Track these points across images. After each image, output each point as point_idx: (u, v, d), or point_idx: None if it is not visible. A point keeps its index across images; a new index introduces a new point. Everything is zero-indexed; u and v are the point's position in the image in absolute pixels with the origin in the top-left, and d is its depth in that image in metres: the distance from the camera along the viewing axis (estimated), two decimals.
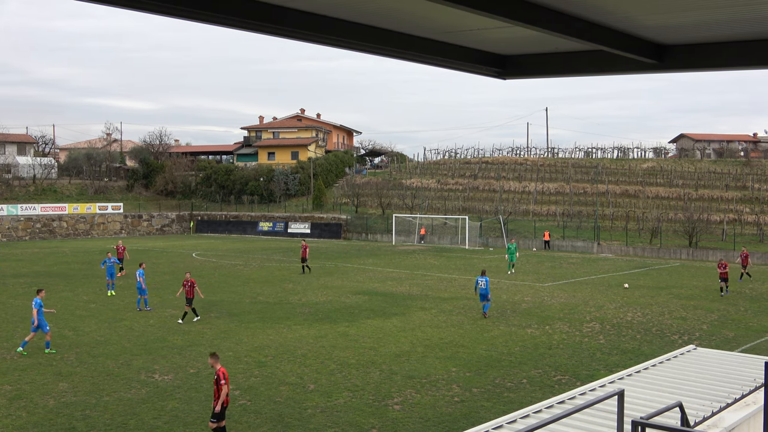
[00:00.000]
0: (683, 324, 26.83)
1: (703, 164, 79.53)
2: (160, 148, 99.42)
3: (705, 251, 55.40)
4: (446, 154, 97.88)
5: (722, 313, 29.37)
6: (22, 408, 16.24)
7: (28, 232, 73.10)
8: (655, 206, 68.97)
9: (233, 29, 6.27)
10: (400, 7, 6.08)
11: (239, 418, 15.49)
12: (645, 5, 6.02)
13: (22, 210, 73.97)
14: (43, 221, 74.59)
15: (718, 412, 8.46)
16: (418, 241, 68.26)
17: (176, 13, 5.68)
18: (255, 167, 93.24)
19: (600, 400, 6.69)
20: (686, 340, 23.50)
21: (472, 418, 15.27)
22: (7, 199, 77.68)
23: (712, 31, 6.76)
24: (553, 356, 21.50)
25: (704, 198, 69.30)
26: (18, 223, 72.73)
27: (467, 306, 30.40)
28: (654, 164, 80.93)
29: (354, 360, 20.77)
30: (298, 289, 35.15)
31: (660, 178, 76.07)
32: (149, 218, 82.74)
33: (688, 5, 5.90)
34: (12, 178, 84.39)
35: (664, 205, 69.19)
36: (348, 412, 16.02)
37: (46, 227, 74.64)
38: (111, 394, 17.31)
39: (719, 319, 28.04)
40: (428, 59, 7.69)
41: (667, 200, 70.65)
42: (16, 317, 27.34)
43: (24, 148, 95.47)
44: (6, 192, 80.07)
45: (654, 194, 72.25)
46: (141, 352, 21.68)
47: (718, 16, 6.15)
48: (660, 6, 5.99)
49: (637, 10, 6.16)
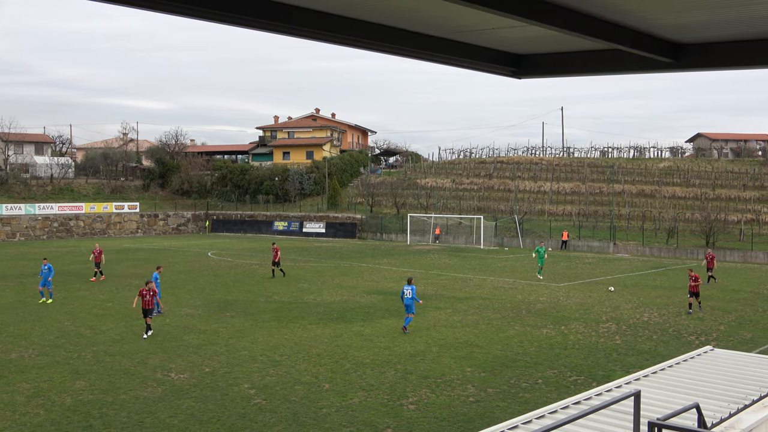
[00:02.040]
0: (700, 324, 26.65)
1: (720, 164, 78.97)
2: (175, 148, 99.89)
3: (722, 251, 54.95)
4: (461, 153, 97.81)
5: (740, 313, 29.15)
6: (40, 406, 16.37)
7: (45, 231, 73.69)
8: (672, 206, 68.54)
9: (248, 29, 6.28)
10: (415, 7, 6.08)
11: (254, 417, 15.54)
12: (662, 4, 5.98)
13: (40, 209, 74.59)
14: (60, 220, 75.18)
15: (735, 414, 8.38)
16: (433, 240, 68.19)
17: (190, 13, 5.69)
18: (270, 167, 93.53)
19: (616, 401, 6.65)
20: (703, 340, 23.33)
21: (487, 418, 15.23)
22: (25, 199, 78.34)
23: (729, 29, 6.71)
24: (568, 356, 21.41)
25: (721, 198, 68.82)
26: (36, 222, 73.34)
27: (482, 306, 30.34)
28: (670, 164, 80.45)
29: (369, 359, 20.78)
30: (313, 289, 35.21)
31: (677, 177, 75.60)
32: (165, 217, 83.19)
33: (705, 3, 5.85)
34: (30, 177, 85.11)
35: (680, 205, 68.74)
36: (363, 411, 16.03)
37: (63, 226, 75.22)
38: (127, 393, 17.40)
39: (736, 319, 27.83)
40: (443, 59, 7.67)
41: (684, 200, 70.19)
42: (34, 316, 27.56)
43: (42, 148, 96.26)
44: (24, 191, 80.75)
45: (670, 194, 71.81)
46: (157, 351, 21.78)
47: (736, 14, 6.10)
48: (677, 4, 5.95)
49: (653, 8, 6.12)
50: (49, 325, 25.72)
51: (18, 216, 72.37)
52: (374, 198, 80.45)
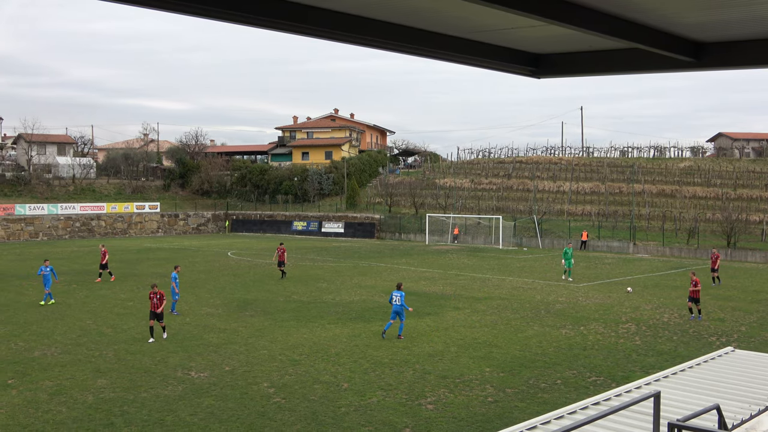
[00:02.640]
0: (721, 325, 26.40)
1: (741, 163, 78.16)
2: (195, 148, 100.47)
3: (744, 252, 54.43)
4: (479, 153, 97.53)
5: (761, 314, 28.83)
6: (62, 403, 16.52)
7: (67, 230, 74.39)
8: (693, 206, 67.91)
9: (267, 30, 6.29)
10: (435, 7, 6.07)
11: (273, 416, 15.59)
12: (683, 2, 5.92)
13: (62, 209, 75.32)
14: (82, 220, 75.86)
15: (756, 415, 8.30)
16: (452, 240, 68.07)
17: (205, 13, 5.70)
18: (289, 167, 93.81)
19: (636, 401, 6.61)
20: (724, 341, 23.11)
21: (505, 418, 15.19)
22: (48, 199, 79.14)
23: (751, 27, 6.64)
24: (587, 357, 21.29)
25: (743, 198, 68.09)
26: (58, 222, 74.06)
27: (501, 306, 30.25)
28: (691, 163, 79.74)
29: (387, 359, 20.78)
30: (331, 288, 35.28)
31: (697, 177, 74.91)
32: (185, 217, 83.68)
33: (728, 1, 5.80)
34: (52, 178, 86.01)
35: (701, 205, 68.10)
36: (381, 411, 16.04)
37: (85, 226, 75.89)
38: (148, 391, 17.53)
39: (758, 320, 27.54)
40: (462, 58, 7.66)
41: (705, 200, 69.54)
42: (56, 315, 27.83)
43: (64, 149, 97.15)
44: (46, 191, 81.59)
45: (691, 194, 71.16)
46: (177, 350, 21.92)
47: (759, 12, 6.04)
48: (698, 2, 5.90)
49: (674, 7, 6.07)
50: (72, 324, 25.97)
51: (41, 216, 73.12)
52: (393, 198, 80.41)
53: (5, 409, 16.02)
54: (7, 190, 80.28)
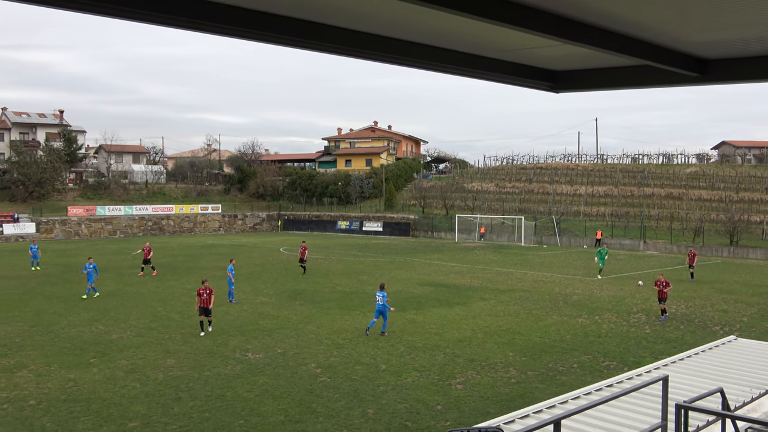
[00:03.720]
0: (724, 316, 25.83)
1: (743, 169, 76.28)
2: (252, 157, 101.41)
3: (745, 249, 53.20)
4: (504, 160, 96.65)
5: (762, 306, 28.15)
6: (137, 380, 16.80)
7: (141, 229, 75.66)
8: (698, 208, 66.52)
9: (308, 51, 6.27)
10: (462, 30, 6.04)
11: (320, 393, 15.67)
12: (686, 24, 5.83)
13: (137, 210, 76.66)
14: (153, 220, 77.10)
15: (757, 398, 8.12)
16: (479, 238, 67.68)
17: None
18: (334, 173, 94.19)
19: (646, 384, 6.51)
20: (727, 331, 22.61)
21: (527, 398, 15.06)
22: (124, 201, 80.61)
23: (752, 46, 6.49)
24: (601, 344, 21.01)
25: (745, 200, 66.50)
26: (133, 221, 75.39)
27: (523, 297, 29.99)
28: (697, 169, 78.07)
29: (421, 344, 20.75)
30: (371, 281, 35.31)
31: (702, 181, 73.34)
32: (243, 217, 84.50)
33: (727, 24, 5.68)
34: (128, 183, 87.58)
35: (706, 207, 66.66)
36: (416, 389, 16.02)
37: (156, 225, 77.12)
38: (211, 370, 17.74)
39: (759, 312, 26.88)
40: (488, 75, 7.61)
41: (710, 202, 68.05)
42: (131, 302, 28.32)
43: (138, 158, 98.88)
44: (123, 195, 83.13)
45: (697, 197, 69.68)
46: (236, 334, 22.14)
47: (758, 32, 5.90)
48: (701, 24, 5.80)
49: (679, 27, 5.98)
50: (144, 311, 26.39)
51: (118, 216, 74.51)
52: (426, 200, 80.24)
53: (88, 385, 16.36)
54: (90, 194, 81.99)
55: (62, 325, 23.54)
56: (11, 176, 76.32)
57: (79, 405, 14.80)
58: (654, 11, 5.44)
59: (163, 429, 13.36)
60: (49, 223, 69.02)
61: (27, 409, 14.58)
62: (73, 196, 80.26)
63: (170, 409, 14.53)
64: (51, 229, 68.78)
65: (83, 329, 22.81)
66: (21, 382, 16.51)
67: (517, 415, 7.39)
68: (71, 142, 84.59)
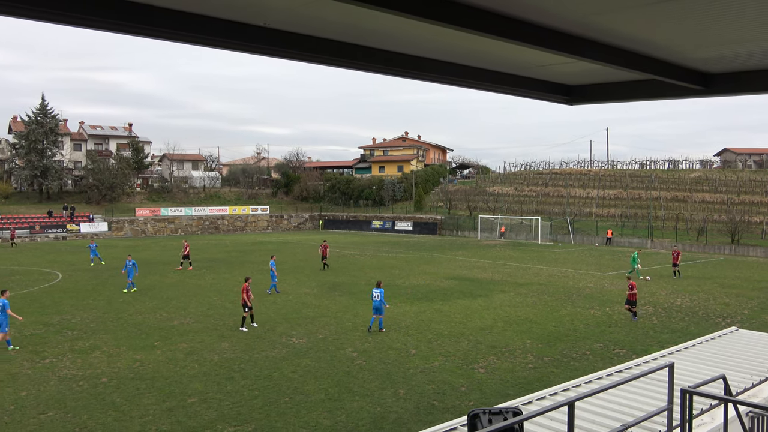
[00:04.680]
0: (726, 309, 25.21)
1: (744, 174, 74.35)
2: (296, 164, 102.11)
3: (746, 247, 51.84)
4: (522, 166, 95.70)
5: (761, 300, 27.40)
6: (195, 361, 17.03)
7: (199, 228, 76.76)
8: (702, 209, 65.03)
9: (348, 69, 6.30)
10: (486, 49, 6.02)
11: (356, 374, 15.69)
12: (690, 42, 5.72)
13: (195, 211, 77.78)
14: (210, 220, 78.13)
15: (758, 384, 7.91)
16: (499, 237, 67.14)
17: (295, 56, 5.66)
18: (369, 178, 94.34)
19: (653, 370, 6.39)
20: (729, 322, 22.06)
21: (543, 381, 14.89)
22: (185, 203, 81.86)
23: (753, 60, 6.34)
24: (612, 333, 20.67)
25: (745, 203, 64.79)
26: (192, 221, 76.52)
27: (539, 290, 29.66)
28: (700, 174, 76.33)
29: (447, 331, 20.66)
30: (402, 274, 35.28)
31: (706, 185, 71.66)
32: (288, 217, 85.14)
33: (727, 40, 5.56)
34: (188, 187, 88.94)
35: (709, 209, 65.13)
36: (442, 372, 15.95)
37: (212, 224, 78.14)
38: (260, 352, 17.89)
39: (759, 305, 26.17)
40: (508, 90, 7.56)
41: (712, 204, 66.46)
42: (190, 293, 28.70)
43: (197, 165, 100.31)
44: (183, 198, 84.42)
45: (700, 199, 68.13)
46: (282, 321, 22.30)
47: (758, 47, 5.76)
48: (704, 41, 5.68)
49: (683, 45, 5.87)
50: (202, 300, 26.73)
51: (179, 216, 75.72)
52: (451, 202, 79.92)
53: (152, 365, 16.64)
54: (155, 197, 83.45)
55: (130, 312, 23.98)
56: (87, 181, 78.12)
57: (144, 383, 15.07)
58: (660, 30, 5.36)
59: (217, 405, 13.52)
60: (119, 222, 70.42)
61: (100, 386, 14.88)
62: (140, 199, 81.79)
63: (224, 387, 14.69)
64: (121, 227, 70.17)
65: (148, 316, 23.20)
66: (95, 362, 16.86)
67: (535, 397, 7.32)
68: (139, 151, 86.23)
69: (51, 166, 74.80)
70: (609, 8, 4.77)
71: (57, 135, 76.64)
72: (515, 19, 4.97)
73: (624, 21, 5.06)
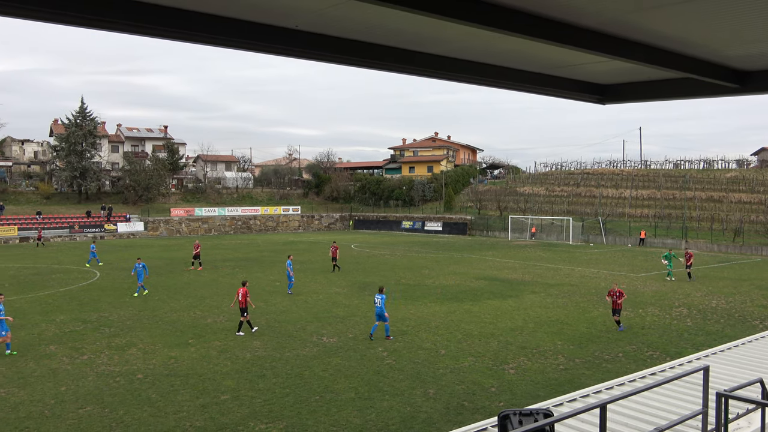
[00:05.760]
0: (764, 311, 24.53)
1: None
2: (327, 165, 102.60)
3: None
4: (553, 166, 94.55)
5: None
6: (228, 359, 17.24)
7: (232, 227, 77.69)
8: (738, 210, 63.39)
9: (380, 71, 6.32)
10: (521, 49, 5.97)
11: (386, 374, 15.70)
12: (726, 38, 5.58)
13: (229, 211, 78.73)
14: (242, 220, 79.02)
15: None
16: (530, 237, 66.49)
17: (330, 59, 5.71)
18: (399, 178, 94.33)
19: (688, 373, 6.26)
20: (767, 325, 21.47)
21: (574, 383, 14.70)
22: (218, 204, 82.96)
23: None
24: (645, 335, 20.30)
25: None
26: (225, 221, 77.49)
27: (571, 291, 29.29)
28: (737, 174, 74.42)
29: (477, 332, 20.54)
30: (432, 275, 35.18)
31: (742, 185, 69.83)
32: (319, 218, 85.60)
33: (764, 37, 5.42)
34: (221, 188, 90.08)
35: (746, 209, 63.47)
36: (472, 373, 15.87)
37: (245, 224, 79.02)
38: (291, 351, 18.02)
39: None
40: (540, 90, 7.49)
41: (749, 204, 64.75)
42: (223, 291, 29.03)
43: (230, 166, 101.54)
44: (217, 198, 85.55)
45: (737, 200, 66.41)
46: (313, 320, 22.42)
47: None
48: (739, 38, 5.54)
49: (719, 43, 5.73)
50: (235, 299, 26.94)
51: (213, 216, 76.74)
52: (481, 202, 79.41)
53: (187, 362, 16.89)
54: (189, 197, 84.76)
55: (165, 310, 24.38)
56: (124, 182, 79.71)
57: (179, 379, 15.31)
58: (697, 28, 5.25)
59: (249, 402, 13.67)
60: (155, 222, 71.68)
61: (136, 381, 15.17)
62: (175, 199, 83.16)
63: (256, 385, 14.84)
64: (156, 227, 71.41)
65: (183, 314, 23.55)
66: (131, 359, 17.20)
67: (566, 399, 7.23)
68: (174, 153, 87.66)
69: (90, 167, 76.53)
70: (646, 6, 4.69)
71: (95, 137, 78.37)
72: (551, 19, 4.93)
73: (661, 18, 4.97)
